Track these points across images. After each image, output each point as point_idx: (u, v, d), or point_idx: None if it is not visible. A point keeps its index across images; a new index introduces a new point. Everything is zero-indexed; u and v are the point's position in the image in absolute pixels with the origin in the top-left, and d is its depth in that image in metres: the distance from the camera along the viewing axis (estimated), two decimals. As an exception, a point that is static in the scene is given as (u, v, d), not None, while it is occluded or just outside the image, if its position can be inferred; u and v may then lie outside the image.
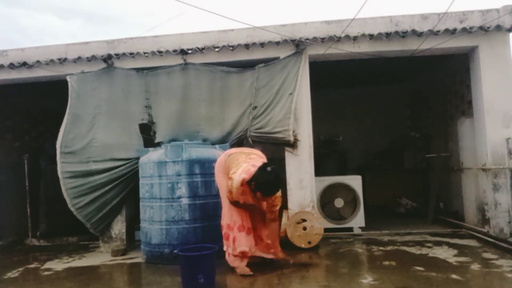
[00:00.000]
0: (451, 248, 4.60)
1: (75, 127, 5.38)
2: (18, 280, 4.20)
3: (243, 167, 3.72)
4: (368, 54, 5.35)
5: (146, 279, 4.05)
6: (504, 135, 5.05)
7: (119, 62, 5.54)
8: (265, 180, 3.58)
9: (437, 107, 7.23)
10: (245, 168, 3.70)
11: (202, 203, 4.54)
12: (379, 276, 3.63)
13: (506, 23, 5.11)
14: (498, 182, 5.04)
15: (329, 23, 5.41)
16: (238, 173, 3.68)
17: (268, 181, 3.59)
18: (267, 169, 3.60)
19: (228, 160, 4.02)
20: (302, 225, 4.89)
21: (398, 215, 7.11)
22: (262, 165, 3.66)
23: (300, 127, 5.26)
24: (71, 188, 5.20)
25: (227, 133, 5.27)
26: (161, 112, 5.40)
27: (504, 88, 5.13)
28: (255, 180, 3.61)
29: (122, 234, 5.35)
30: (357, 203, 5.74)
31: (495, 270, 3.74)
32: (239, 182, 3.66)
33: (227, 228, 3.94)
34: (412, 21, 5.31)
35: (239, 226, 3.88)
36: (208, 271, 3.44)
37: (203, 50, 5.40)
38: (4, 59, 5.74)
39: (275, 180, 3.66)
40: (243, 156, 3.96)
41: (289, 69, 5.28)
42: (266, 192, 3.67)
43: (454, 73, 6.40)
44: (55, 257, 5.19)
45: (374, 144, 8.38)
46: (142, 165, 4.79)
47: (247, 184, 3.69)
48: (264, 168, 3.62)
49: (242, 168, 3.71)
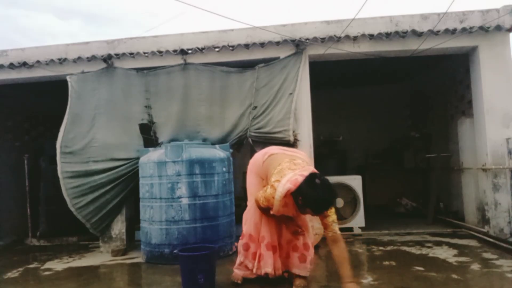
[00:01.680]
0: (451, 248, 4.61)
1: (75, 127, 5.38)
2: (18, 280, 4.20)
3: (289, 176, 3.09)
4: (368, 54, 5.35)
5: (146, 279, 4.05)
6: (504, 135, 5.05)
7: (119, 62, 5.54)
8: (316, 196, 2.95)
9: (437, 107, 7.23)
10: (292, 178, 3.06)
11: (202, 203, 4.54)
12: (379, 276, 3.63)
13: (506, 23, 5.11)
14: (498, 182, 5.04)
15: (329, 23, 5.41)
16: (283, 183, 3.06)
17: (320, 197, 2.96)
18: (315, 182, 2.97)
19: (267, 161, 3.45)
20: (302, 225, 4.88)
21: (398, 215, 7.11)
22: (309, 176, 3.02)
23: (300, 127, 5.25)
24: (71, 188, 5.20)
25: (227, 133, 5.27)
26: (161, 112, 5.40)
27: (504, 88, 5.13)
28: (303, 195, 2.99)
29: (122, 234, 5.35)
30: (357, 203, 5.74)
31: (495, 270, 3.74)
32: (283, 193, 3.06)
33: (248, 239, 3.47)
34: (412, 21, 5.31)
35: (267, 244, 3.38)
36: (208, 271, 3.44)
37: (203, 50, 5.40)
38: (4, 59, 5.74)
39: (328, 196, 3.01)
40: (286, 160, 3.31)
41: (289, 69, 5.28)
42: (318, 209, 3.06)
43: (454, 73, 6.40)
44: (55, 257, 5.19)
45: (374, 144, 8.38)
46: (142, 165, 4.79)
47: (291, 196, 3.10)
48: (313, 180, 2.98)
49: (288, 177, 3.09)
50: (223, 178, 4.76)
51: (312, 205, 3.01)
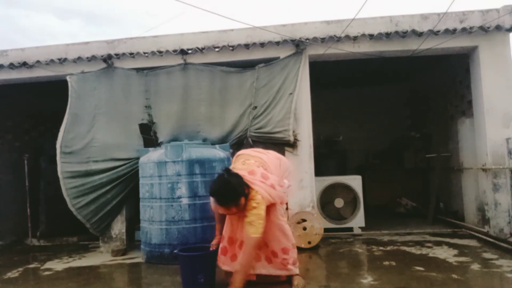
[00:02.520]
0: (451, 248, 4.61)
1: (75, 127, 5.38)
2: (18, 280, 4.19)
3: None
4: (368, 54, 5.35)
5: (146, 279, 4.05)
6: (504, 135, 5.05)
7: (119, 62, 5.54)
8: (210, 185, 3.20)
9: (437, 107, 7.23)
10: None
11: (202, 203, 4.53)
12: (379, 276, 3.63)
13: (506, 23, 5.11)
14: (498, 182, 5.04)
15: (329, 23, 5.41)
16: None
17: (211, 186, 3.18)
18: (220, 174, 3.20)
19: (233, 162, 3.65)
20: (302, 225, 4.89)
21: (398, 215, 7.11)
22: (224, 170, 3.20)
23: (300, 127, 5.26)
24: (71, 188, 5.20)
25: (227, 133, 5.27)
26: (161, 112, 5.40)
27: (504, 88, 5.13)
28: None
29: (122, 234, 5.35)
30: (357, 203, 5.74)
31: (495, 270, 3.74)
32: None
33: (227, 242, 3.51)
34: (412, 21, 5.31)
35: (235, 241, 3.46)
36: (208, 271, 3.43)
37: (203, 50, 5.40)
38: (4, 59, 5.74)
39: (218, 187, 3.12)
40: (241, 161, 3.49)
41: (289, 69, 5.28)
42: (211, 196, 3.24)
43: (454, 73, 6.40)
44: (55, 257, 5.19)
45: (374, 144, 8.38)
46: (142, 165, 4.79)
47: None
48: (219, 173, 3.21)
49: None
50: (223, 178, 4.75)
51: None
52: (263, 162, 3.41)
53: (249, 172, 3.23)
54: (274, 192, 3.19)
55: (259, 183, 3.16)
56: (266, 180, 3.21)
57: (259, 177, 3.20)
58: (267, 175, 3.26)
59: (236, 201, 3.06)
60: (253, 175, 3.21)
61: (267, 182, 3.20)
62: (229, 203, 3.08)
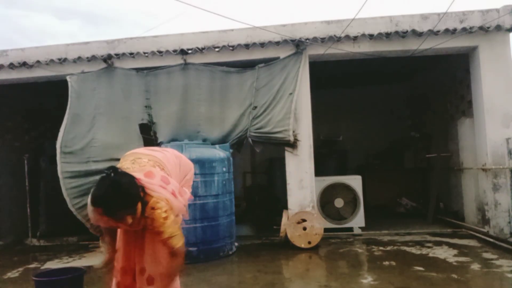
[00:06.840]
0: (451, 248, 4.60)
1: (75, 127, 5.38)
2: (18, 280, 4.19)
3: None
4: (368, 54, 5.35)
5: (146, 279, 4.04)
6: (504, 135, 5.05)
7: (119, 62, 5.53)
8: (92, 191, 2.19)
9: (437, 107, 7.23)
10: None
11: (202, 203, 4.53)
12: (379, 276, 3.63)
13: (506, 23, 5.11)
14: (498, 182, 5.03)
15: (329, 23, 5.41)
16: None
17: (93, 193, 2.18)
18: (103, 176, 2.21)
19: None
20: (302, 225, 4.89)
21: (398, 215, 7.10)
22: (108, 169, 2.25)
23: (300, 127, 5.25)
24: (71, 188, 5.19)
25: (227, 133, 5.27)
26: (161, 112, 5.40)
27: (504, 88, 5.13)
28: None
29: (122, 234, 5.34)
30: (357, 203, 5.74)
31: (495, 270, 3.74)
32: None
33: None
34: (412, 21, 5.31)
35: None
36: None
37: (203, 50, 5.40)
38: (4, 59, 5.74)
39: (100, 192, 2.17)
40: (130, 160, 2.57)
41: (289, 69, 5.27)
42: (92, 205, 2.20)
43: (454, 73, 6.40)
44: (55, 257, 5.19)
45: (374, 144, 8.37)
46: (142, 165, 4.78)
47: None
48: (103, 176, 2.22)
49: None
50: (223, 178, 4.75)
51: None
52: (158, 160, 2.58)
53: (146, 174, 2.38)
54: (176, 202, 2.43)
55: (160, 189, 2.35)
56: (167, 185, 2.42)
57: (159, 181, 2.38)
58: (167, 179, 2.47)
59: (132, 208, 2.21)
60: (150, 178, 2.36)
61: (168, 188, 2.41)
62: (122, 211, 2.19)
